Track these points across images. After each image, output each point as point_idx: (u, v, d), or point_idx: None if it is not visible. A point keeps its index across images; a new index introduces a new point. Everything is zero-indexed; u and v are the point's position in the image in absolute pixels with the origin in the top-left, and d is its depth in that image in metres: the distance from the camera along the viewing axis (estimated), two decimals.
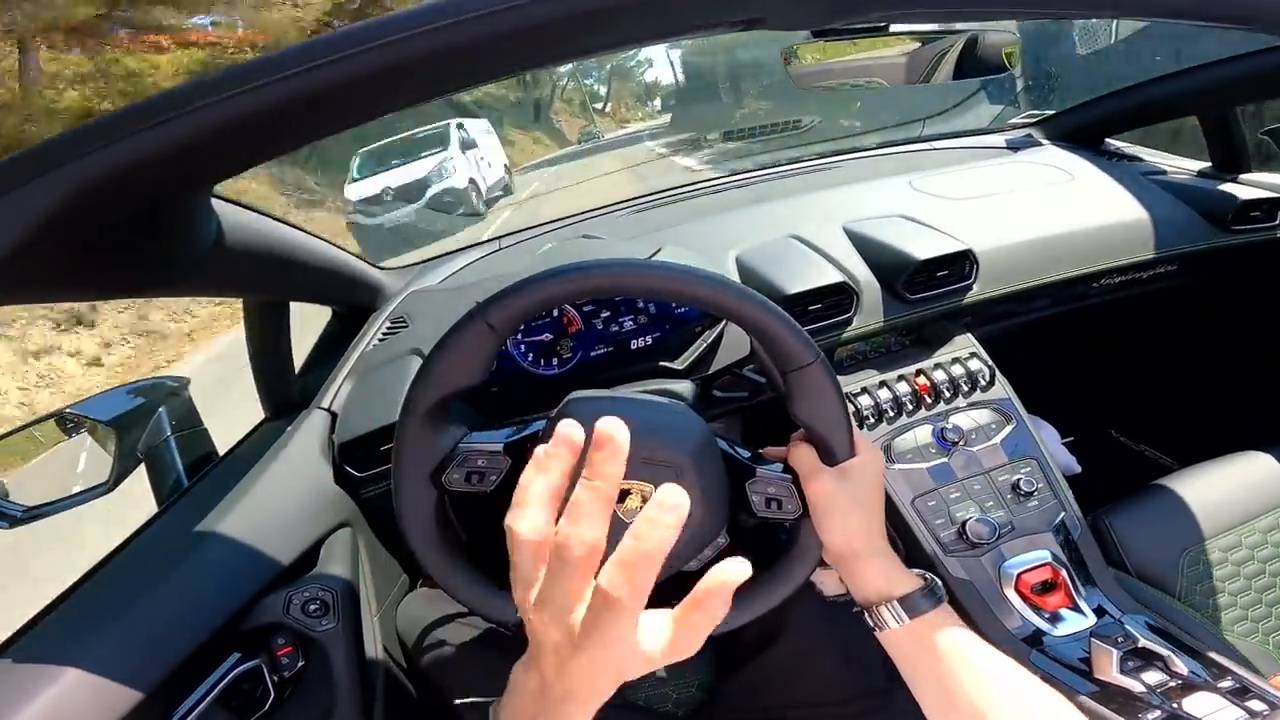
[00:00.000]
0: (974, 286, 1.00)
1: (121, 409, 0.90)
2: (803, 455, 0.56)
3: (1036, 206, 1.15)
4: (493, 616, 0.54)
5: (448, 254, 1.35)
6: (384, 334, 1.03)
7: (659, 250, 1.04)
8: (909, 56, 0.92)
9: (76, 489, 0.89)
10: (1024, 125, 1.58)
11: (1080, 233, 1.09)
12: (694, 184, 1.52)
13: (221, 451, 0.95)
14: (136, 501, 0.92)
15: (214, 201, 0.58)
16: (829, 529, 0.55)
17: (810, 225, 1.09)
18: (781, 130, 1.68)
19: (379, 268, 1.17)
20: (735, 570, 0.35)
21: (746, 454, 0.59)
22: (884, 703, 0.71)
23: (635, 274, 0.52)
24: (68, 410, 0.90)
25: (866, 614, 0.55)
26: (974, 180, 1.26)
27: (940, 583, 0.56)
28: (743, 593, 0.57)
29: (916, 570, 0.56)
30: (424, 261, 1.32)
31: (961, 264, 1.00)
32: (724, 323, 0.93)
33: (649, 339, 0.97)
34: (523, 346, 0.94)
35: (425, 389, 0.51)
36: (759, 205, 1.27)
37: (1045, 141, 1.49)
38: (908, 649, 0.52)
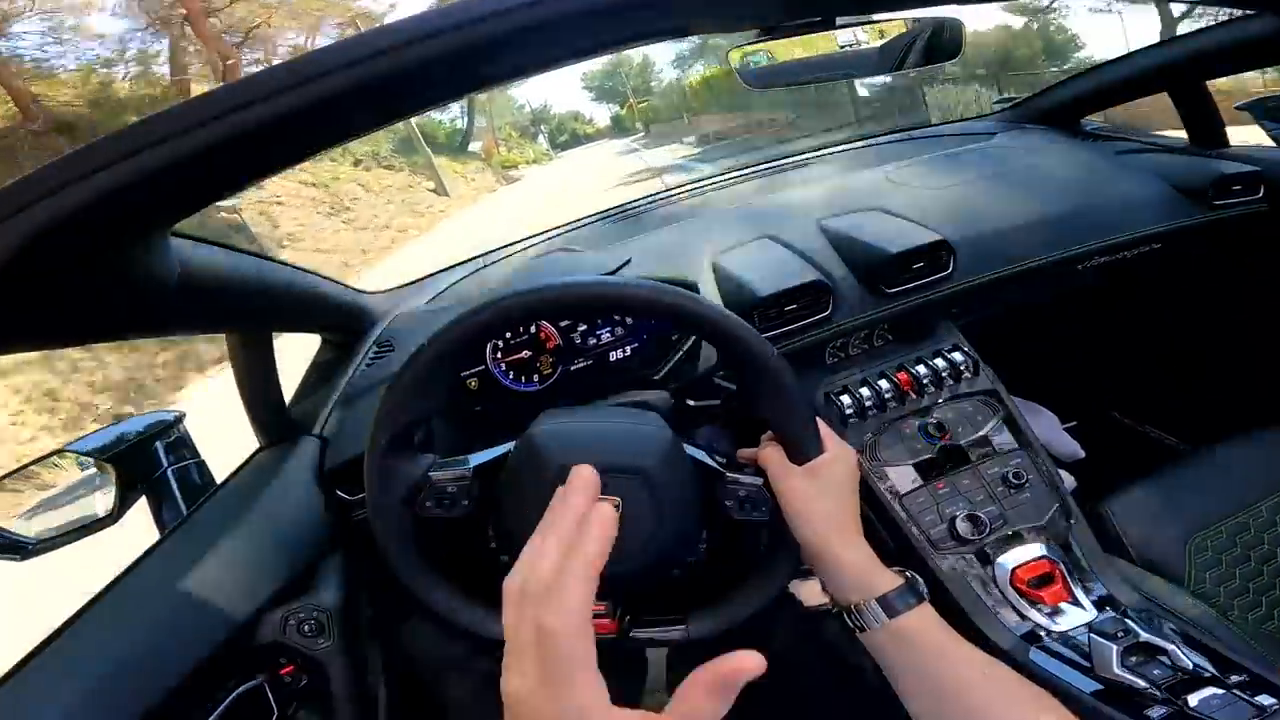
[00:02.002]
0: (952, 277, 0.99)
1: (119, 445, 0.92)
2: (770, 455, 0.57)
3: (1014, 191, 1.15)
4: (476, 630, 0.55)
5: (434, 274, 1.36)
6: (372, 358, 1.04)
7: (627, 262, 1.05)
8: (881, 47, 0.91)
9: (83, 522, 0.91)
10: (1000, 110, 1.59)
11: (1058, 215, 1.09)
12: (671, 190, 1.53)
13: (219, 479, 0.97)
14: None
15: (174, 240, 0.57)
16: (800, 528, 0.55)
17: (786, 224, 1.09)
18: (755, 128, 1.69)
19: (365, 292, 1.19)
20: (753, 663, 0.35)
21: (717, 458, 0.60)
22: (877, 709, 0.72)
23: (575, 292, 0.54)
24: (66, 448, 0.92)
25: (845, 615, 0.54)
26: (950, 168, 1.26)
27: (920, 580, 0.56)
28: (726, 598, 0.58)
29: (897, 568, 0.56)
30: (411, 283, 1.33)
31: (938, 254, 0.99)
32: None
33: (627, 349, 0.97)
34: (503, 365, 0.95)
35: (385, 422, 0.53)
36: (735, 208, 1.28)
37: (1022, 125, 1.50)
38: (888, 650, 0.52)
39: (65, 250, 0.40)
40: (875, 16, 0.71)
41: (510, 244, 1.45)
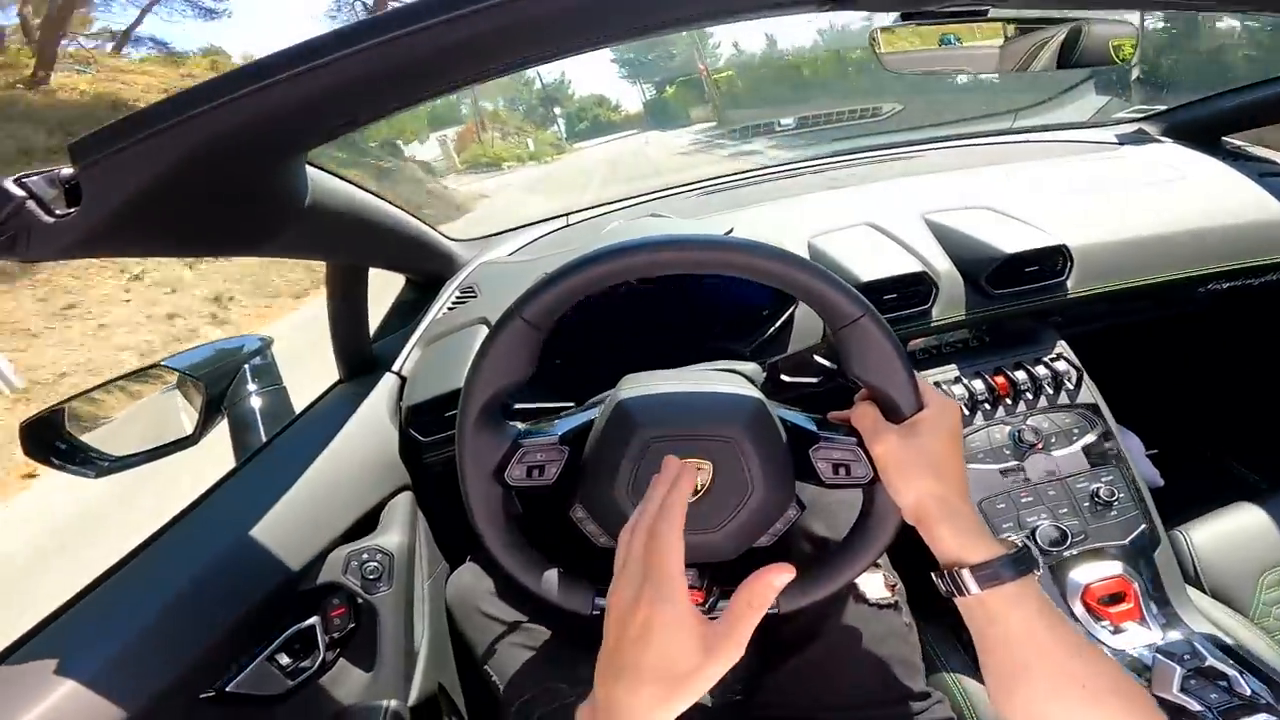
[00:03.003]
0: (1067, 284, 0.95)
1: (211, 364, 0.95)
2: (865, 415, 0.53)
3: (1142, 204, 1.08)
4: (566, 605, 0.54)
5: (516, 228, 1.37)
6: (454, 303, 1.07)
7: (730, 230, 1.02)
8: (1004, 44, 0.86)
9: (163, 441, 0.94)
10: (1134, 120, 1.47)
11: (1188, 233, 1.02)
12: (766, 168, 1.49)
13: (297, 410, 1.00)
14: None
15: (307, 168, 0.60)
16: (899, 490, 0.51)
17: (888, 213, 1.05)
18: (859, 117, 1.61)
19: (451, 239, 1.20)
20: (780, 577, 0.42)
21: (809, 421, 0.57)
22: (923, 708, 0.69)
23: (668, 250, 0.51)
24: (162, 362, 0.96)
25: (941, 578, 0.51)
26: (1074, 174, 1.19)
27: (1032, 550, 0.52)
28: (823, 564, 0.56)
29: (1008, 537, 0.52)
30: (493, 234, 1.34)
31: (1054, 260, 0.95)
32: (794, 307, 0.91)
33: (716, 319, 0.96)
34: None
35: (475, 392, 0.52)
36: (834, 191, 1.24)
37: (1158, 138, 1.38)
38: (977, 618, 0.48)
39: (221, 161, 0.41)
40: (1031, 13, 0.66)
41: (592, 207, 1.44)
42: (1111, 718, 0.43)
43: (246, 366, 0.98)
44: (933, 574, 0.52)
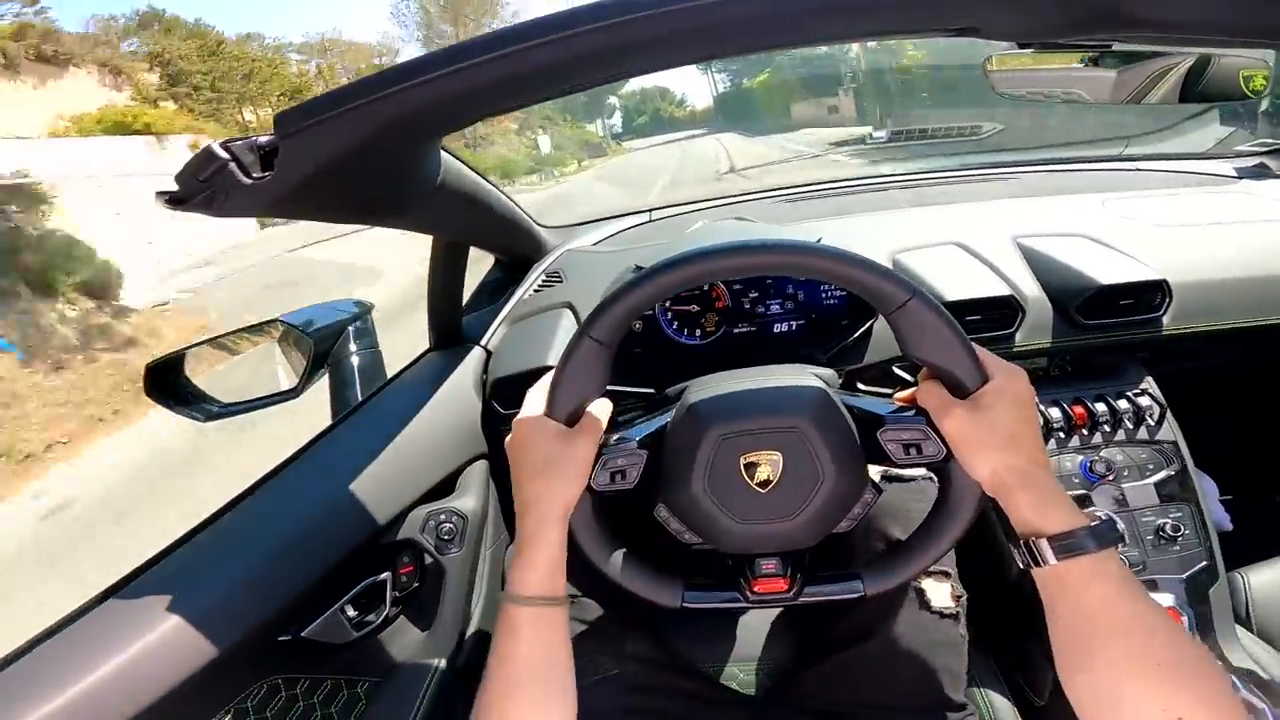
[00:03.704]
0: (1163, 320, 0.92)
1: (321, 322, 1.04)
2: (930, 393, 0.53)
3: (1254, 243, 1.02)
4: (657, 601, 0.57)
5: (602, 219, 1.41)
6: (540, 285, 1.12)
7: (819, 239, 1.03)
8: (1120, 72, 0.83)
9: (268, 393, 1.02)
10: (1257, 153, 1.38)
11: None
12: (853, 179, 1.48)
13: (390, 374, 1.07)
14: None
15: (440, 151, 0.66)
16: (973, 466, 0.50)
17: (978, 234, 1.04)
18: (956, 135, 1.57)
19: (540, 225, 1.26)
20: None
21: (876, 405, 0.57)
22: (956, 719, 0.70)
23: (716, 260, 0.52)
24: (278, 318, 1.05)
25: (1017, 549, 0.50)
26: (1182, 207, 1.13)
27: (1117, 523, 0.50)
28: (901, 550, 0.57)
29: (1092, 509, 0.49)
30: (579, 224, 1.39)
31: (1151, 295, 0.92)
32: (874, 320, 0.92)
33: (792, 324, 0.98)
34: (669, 314, 0.98)
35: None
36: (923, 208, 1.22)
37: (1277, 175, 1.30)
38: (1051, 590, 0.48)
39: (388, 141, 0.47)
40: (1156, 48, 0.65)
41: (676, 204, 1.46)
42: (1186, 701, 0.41)
43: (350, 328, 1.05)
44: (1010, 545, 0.51)
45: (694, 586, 0.57)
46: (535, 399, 0.58)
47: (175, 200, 0.43)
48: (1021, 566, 0.49)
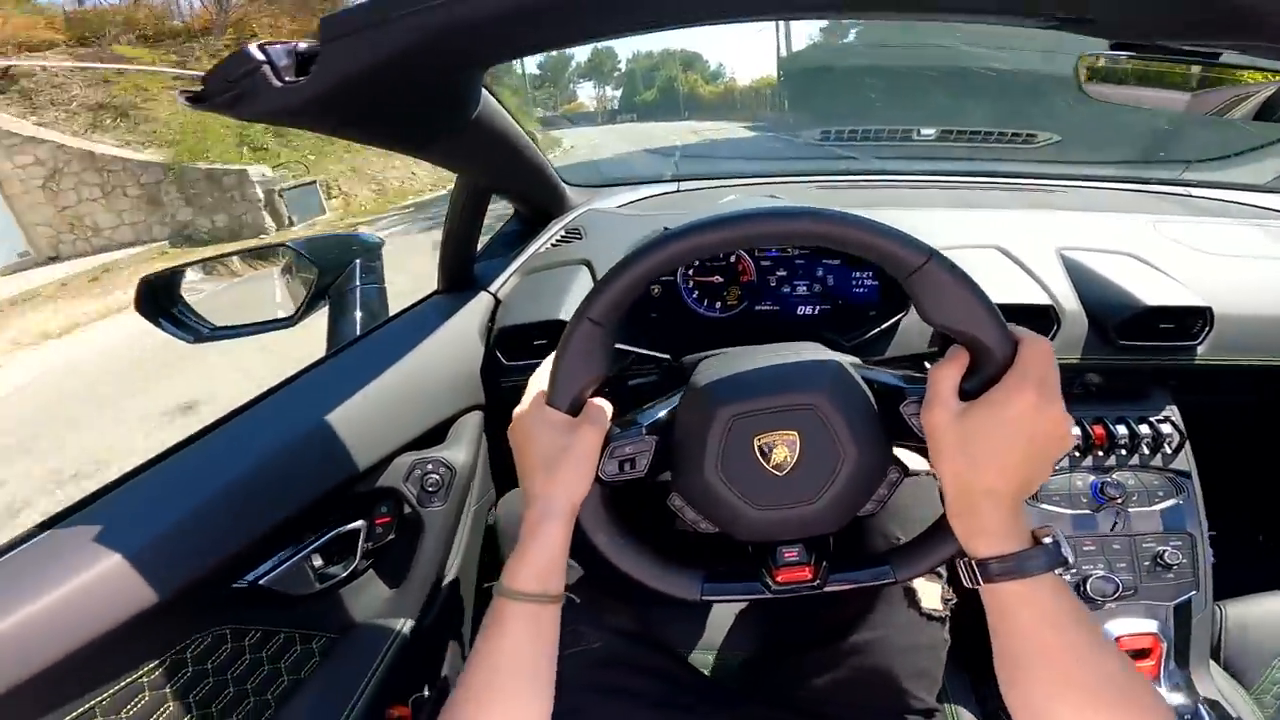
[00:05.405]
0: (1198, 349, 0.89)
1: (328, 252, 1.00)
2: (944, 377, 0.47)
3: None
4: (675, 594, 0.54)
5: (628, 184, 1.37)
6: (559, 240, 1.09)
7: None
8: (1201, 87, 0.77)
9: (264, 319, 0.98)
10: None
11: None
12: (892, 174, 1.43)
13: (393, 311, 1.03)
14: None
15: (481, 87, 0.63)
16: (935, 466, 0.47)
17: (1021, 241, 1.00)
18: (1009, 140, 1.50)
19: (566, 182, 1.22)
20: None
21: (897, 378, 0.54)
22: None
23: (717, 230, 0.48)
24: (286, 243, 1.01)
25: (959, 565, 0.48)
26: (1234, 238, 1.09)
27: (1060, 546, 0.45)
28: (928, 535, 0.53)
29: (1040, 526, 0.46)
30: (605, 185, 1.36)
31: (1192, 322, 0.89)
32: (904, 313, 0.89)
33: (815, 309, 0.95)
34: (690, 284, 0.95)
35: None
36: (966, 209, 1.18)
37: None
38: (991, 608, 0.46)
39: (427, 59, 0.44)
40: (1265, 63, 0.59)
41: (705, 177, 1.43)
42: None
43: (357, 262, 1.02)
44: (956, 560, 0.49)
45: (713, 578, 0.54)
46: (536, 388, 0.55)
47: (197, 99, 0.40)
48: (966, 583, 0.48)
